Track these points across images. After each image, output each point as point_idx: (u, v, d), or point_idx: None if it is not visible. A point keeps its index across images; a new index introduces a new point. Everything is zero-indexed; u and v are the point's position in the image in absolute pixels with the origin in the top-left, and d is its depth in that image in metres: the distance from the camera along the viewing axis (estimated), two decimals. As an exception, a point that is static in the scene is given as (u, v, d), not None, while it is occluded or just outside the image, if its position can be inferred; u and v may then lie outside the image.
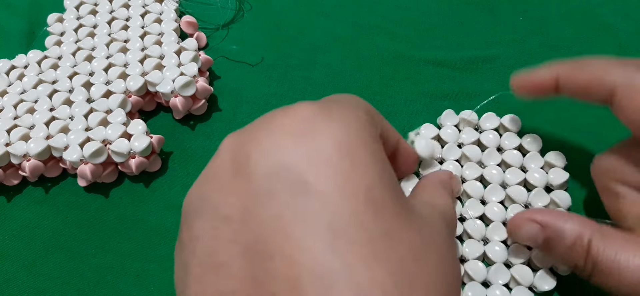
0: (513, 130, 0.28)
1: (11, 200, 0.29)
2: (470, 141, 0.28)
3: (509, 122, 0.28)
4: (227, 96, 0.33)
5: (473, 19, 0.36)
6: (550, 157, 0.27)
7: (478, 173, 0.27)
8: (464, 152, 0.28)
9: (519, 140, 0.28)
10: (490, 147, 0.28)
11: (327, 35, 0.35)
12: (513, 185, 0.26)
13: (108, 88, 0.30)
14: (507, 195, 0.26)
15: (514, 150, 0.28)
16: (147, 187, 0.29)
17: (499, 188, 0.26)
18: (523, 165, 0.27)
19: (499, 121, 0.29)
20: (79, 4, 0.35)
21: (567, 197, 0.26)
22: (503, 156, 0.27)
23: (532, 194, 0.26)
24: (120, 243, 0.28)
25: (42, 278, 0.27)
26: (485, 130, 0.29)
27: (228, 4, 0.37)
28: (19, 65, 0.32)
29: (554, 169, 0.27)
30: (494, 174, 0.27)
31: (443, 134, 0.28)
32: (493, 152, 0.28)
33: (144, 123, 0.28)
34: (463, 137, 0.28)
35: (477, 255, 0.24)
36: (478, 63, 0.33)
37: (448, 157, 0.28)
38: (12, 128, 0.29)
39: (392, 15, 0.36)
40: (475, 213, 0.26)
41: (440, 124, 0.29)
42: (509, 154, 0.27)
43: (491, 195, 0.26)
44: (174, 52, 0.31)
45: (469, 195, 0.26)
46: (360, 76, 0.33)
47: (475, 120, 0.29)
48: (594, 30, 0.35)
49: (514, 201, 0.26)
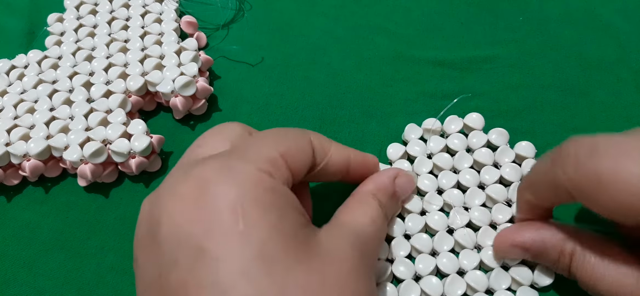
0: (477, 128, 0.28)
1: (11, 200, 0.29)
2: (439, 149, 0.28)
3: (472, 121, 0.28)
4: (227, 96, 0.33)
5: (473, 19, 0.36)
6: (520, 148, 0.27)
7: (454, 181, 0.26)
8: (434, 162, 0.27)
9: (486, 136, 0.28)
10: (460, 150, 0.27)
11: (327, 35, 0.35)
12: (490, 184, 0.26)
13: (108, 88, 0.30)
14: (488, 196, 0.26)
15: (483, 148, 0.27)
16: (147, 187, 0.29)
17: (478, 190, 0.26)
18: (495, 161, 0.27)
19: (462, 122, 0.28)
20: (79, 4, 0.35)
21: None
22: (474, 156, 0.27)
23: (511, 189, 0.26)
24: (120, 243, 0.28)
25: (42, 277, 0.27)
26: (450, 133, 0.28)
27: (228, 4, 0.37)
28: (19, 65, 0.32)
29: (526, 161, 0.27)
30: (468, 179, 0.26)
31: (410, 150, 0.28)
32: (463, 155, 0.27)
33: (144, 123, 0.28)
34: (431, 146, 0.28)
35: (474, 265, 0.24)
36: (478, 63, 0.33)
37: (420, 171, 0.27)
38: (12, 128, 0.29)
39: (392, 15, 0.36)
40: (462, 221, 0.25)
41: (404, 140, 0.29)
42: (479, 153, 0.27)
43: (473, 199, 0.26)
44: (174, 52, 0.31)
45: (450, 205, 0.26)
46: (360, 76, 0.33)
47: (439, 127, 0.28)
48: (594, 30, 0.35)
49: (496, 200, 0.26)
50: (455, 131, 0.28)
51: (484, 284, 0.24)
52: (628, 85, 0.32)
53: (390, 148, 0.28)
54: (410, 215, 0.26)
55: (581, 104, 0.31)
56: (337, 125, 0.31)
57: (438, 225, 0.25)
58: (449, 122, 0.28)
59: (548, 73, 0.33)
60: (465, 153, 0.27)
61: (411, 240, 0.25)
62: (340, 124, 0.31)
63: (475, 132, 0.28)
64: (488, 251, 0.24)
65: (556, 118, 0.31)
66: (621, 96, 0.32)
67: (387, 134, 0.31)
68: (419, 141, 0.28)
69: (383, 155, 0.30)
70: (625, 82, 0.32)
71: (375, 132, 0.31)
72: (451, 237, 0.25)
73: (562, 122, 0.31)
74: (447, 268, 0.24)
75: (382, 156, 0.30)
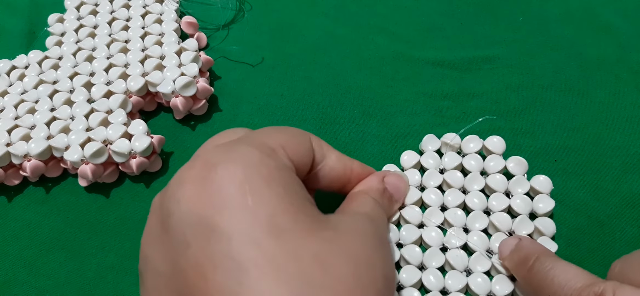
0: (497, 152, 0.27)
1: (12, 200, 0.29)
2: (452, 166, 0.27)
3: (492, 145, 0.27)
4: (227, 96, 0.33)
5: (473, 19, 0.36)
6: (536, 182, 0.26)
7: (460, 200, 0.26)
8: (445, 178, 0.27)
9: (504, 163, 0.27)
10: (473, 171, 0.27)
11: (327, 35, 0.35)
12: (497, 211, 0.25)
13: (109, 88, 0.30)
14: (491, 223, 0.25)
15: (498, 175, 0.26)
16: (147, 187, 0.29)
17: (482, 215, 0.25)
18: (508, 189, 0.26)
19: (482, 143, 0.28)
20: (79, 4, 0.35)
21: (552, 225, 0.25)
22: (487, 180, 0.26)
23: (516, 221, 0.25)
24: (120, 243, 0.28)
25: (43, 277, 0.27)
26: (467, 153, 0.27)
27: (228, 4, 0.37)
28: (19, 65, 0.32)
29: (539, 196, 0.26)
30: (475, 202, 0.26)
31: (424, 161, 0.27)
32: (476, 176, 0.26)
33: (144, 124, 0.28)
34: (445, 161, 0.27)
35: (459, 287, 0.24)
36: (478, 63, 0.33)
37: (429, 184, 0.27)
38: (13, 129, 0.29)
39: (392, 15, 0.36)
40: (458, 242, 0.25)
41: (421, 150, 0.28)
42: (493, 179, 0.26)
43: (474, 223, 0.25)
44: (175, 52, 0.31)
45: (450, 223, 0.25)
46: (360, 76, 0.33)
47: (458, 143, 0.28)
48: (594, 30, 0.35)
49: (498, 229, 0.25)
50: (473, 151, 0.27)
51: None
52: (628, 85, 0.32)
53: (405, 155, 0.28)
54: (407, 225, 0.25)
55: (581, 104, 0.31)
56: (337, 125, 0.31)
57: (432, 241, 0.25)
58: (467, 141, 0.28)
59: (548, 73, 0.33)
60: (479, 175, 0.27)
61: (402, 249, 0.25)
62: (340, 124, 0.31)
63: (493, 156, 0.27)
64: (477, 278, 0.24)
65: (556, 118, 0.31)
66: (621, 96, 0.32)
67: (387, 134, 0.31)
68: (434, 154, 0.28)
69: (382, 156, 0.30)
70: (625, 82, 0.32)
71: (375, 132, 0.31)
72: (442, 255, 0.24)
73: (562, 122, 0.31)
74: (430, 285, 0.24)
75: (382, 156, 0.30)
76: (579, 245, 0.26)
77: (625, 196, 0.28)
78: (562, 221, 0.27)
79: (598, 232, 0.27)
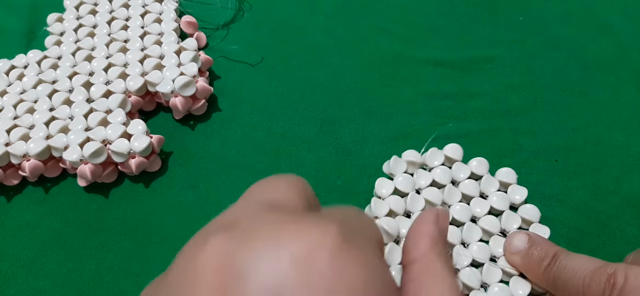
0: (458, 159, 0.28)
1: (11, 200, 0.29)
2: (427, 184, 0.27)
3: (452, 152, 0.28)
4: (227, 96, 0.33)
5: (473, 19, 0.36)
6: (502, 175, 0.27)
7: (449, 217, 0.26)
8: (425, 197, 0.26)
9: (469, 167, 0.27)
10: (447, 184, 0.27)
11: (327, 35, 0.35)
12: (482, 216, 0.26)
13: (108, 88, 0.30)
14: (483, 229, 0.25)
15: (468, 180, 0.27)
16: (147, 187, 0.29)
17: (472, 225, 0.26)
18: (481, 191, 0.27)
19: (443, 155, 0.28)
20: (78, 4, 0.35)
21: (535, 209, 0.26)
22: (460, 188, 0.27)
23: (503, 219, 0.26)
24: (120, 243, 0.28)
25: (42, 277, 0.27)
26: (433, 167, 0.27)
27: (228, 4, 0.37)
28: (18, 65, 0.32)
29: (511, 187, 0.27)
30: (462, 214, 0.26)
31: (399, 185, 0.27)
32: (452, 188, 0.27)
33: (143, 123, 0.28)
34: (418, 181, 0.27)
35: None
36: (478, 63, 0.33)
37: (414, 209, 0.26)
38: (12, 128, 0.29)
39: (392, 15, 0.36)
40: (466, 261, 0.24)
41: (390, 174, 0.28)
42: (465, 185, 0.27)
43: (470, 235, 0.25)
44: (174, 52, 0.31)
45: (451, 243, 0.25)
46: (360, 76, 0.33)
47: (422, 160, 0.28)
48: (594, 30, 0.35)
49: (491, 233, 0.25)
50: (438, 164, 0.27)
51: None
52: (628, 85, 0.32)
53: (378, 184, 0.27)
54: None
55: (581, 104, 0.31)
56: (337, 125, 0.31)
57: None
58: (430, 155, 0.28)
59: (548, 73, 0.33)
60: (453, 186, 0.27)
61: None
62: (341, 124, 0.31)
63: (457, 164, 0.27)
64: (495, 288, 0.24)
65: (556, 118, 0.31)
66: (621, 96, 0.32)
67: (387, 134, 0.31)
68: (405, 174, 0.27)
69: (382, 155, 0.30)
70: (625, 82, 0.32)
71: (375, 132, 0.31)
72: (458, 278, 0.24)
73: (562, 122, 0.31)
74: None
75: (382, 156, 0.30)
76: (579, 245, 0.26)
77: (626, 196, 0.28)
78: (563, 221, 0.27)
79: (598, 232, 0.27)
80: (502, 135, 0.29)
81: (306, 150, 0.30)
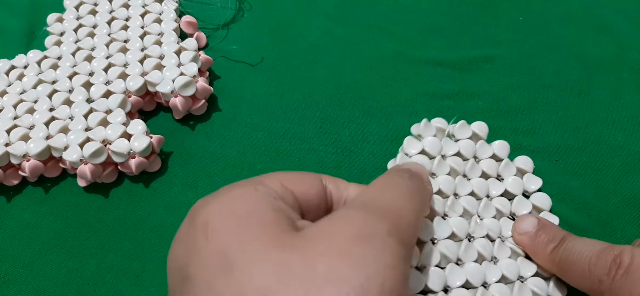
0: (483, 137, 0.28)
1: (11, 200, 0.29)
2: (453, 153, 0.27)
3: (479, 129, 0.28)
4: (227, 96, 0.33)
5: (473, 19, 0.36)
6: (520, 162, 0.27)
7: (469, 189, 0.26)
8: (450, 165, 0.26)
9: (491, 147, 0.28)
10: (470, 158, 0.27)
11: (327, 35, 0.35)
12: (496, 196, 0.26)
13: (108, 88, 0.30)
14: (496, 208, 0.26)
15: (489, 159, 0.27)
16: (147, 187, 0.29)
17: (487, 202, 0.26)
18: (498, 172, 0.27)
19: (471, 130, 0.28)
20: (78, 4, 0.35)
21: (547, 198, 0.26)
22: (481, 166, 0.27)
23: (515, 203, 0.26)
24: (120, 243, 0.28)
25: (42, 278, 0.27)
26: (460, 139, 0.28)
27: (228, 4, 0.37)
28: (18, 65, 0.32)
29: (527, 175, 0.27)
30: (481, 189, 0.26)
31: (427, 146, 0.27)
32: (474, 163, 0.27)
33: (143, 124, 0.28)
34: (446, 149, 0.27)
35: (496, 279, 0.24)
36: (478, 63, 0.33)
37: (439, 172, 0.26)
38: (12, 129, 0.29)
39: (392, 15, 0.36)
40: (482, 232, 0.25)
41: (418, 135, 0.28)
42: (486, 164, 0.27)
43: (485, 210, 0.26)
44: (174, 52, 0.31)
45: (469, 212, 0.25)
46: (360, 76, 0.33)
47: (448, 128, 0.28)
48: (594, 30, 0.35)
49: (502, 213, 0.26)
50: (465, 138, 0.28)
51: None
52: (628, 85, 0.32)
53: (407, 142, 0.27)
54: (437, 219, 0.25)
55: (581, 104, 0.31)
56: (337, 125, 0.31)
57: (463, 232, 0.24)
58: (459, 127, 0.28)
59: (548, 73, 0.33)
60: (475, 162, 0.27)
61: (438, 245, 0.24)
62: (341, 124, 0.31)
63: (481, 142, 0.28)
64: (504, 262, 0.24)
65: (556, 118, 0.31)
66: (621, 96, 0.32)
67: (387, 134, 0.31)
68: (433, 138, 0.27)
69: (382, 155, 0.30)
70: (625, 82, 0.32)
71: (375, 132, 0.31)
72: (475, 249, 0.24)
73: (562, 122, 0.31)
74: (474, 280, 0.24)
75: (382, 156, 0.30)
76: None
77: (626, 195, 0.28)
78: (564, 220, 0.27)
79: (599, 231, 0.27)
80: (502, 135, 0.29)
81: (306, 150, 0.30)
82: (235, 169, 0.30)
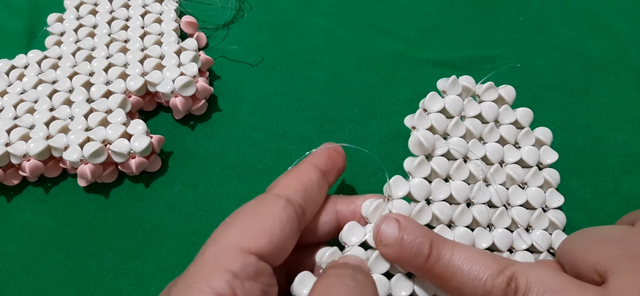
0: (509, 102, 0.27)
1: (11, 200, 0.29)
2: (474, 114, 0.26)
3: (506, 93, 0.27)
4: (227, 96, 0.33)
5: (473, 19, 0.36)
6: (539, 133, 0.27)
7: (482, 153, 0.26)
8: (467, 126, 0.26)
9: (514, 114, 0.27)
10: (491, 122, 0.26)
11: (327, 35, 0.35)
12: (510, 163, 0.26)
13: (108, 88, 0.30)
14: (508, 175, 0.25)
15: (509, 126, 0.27)
16: (147, 187, 0.29)
17: (499, 168, 0.26)
18: (516, 139, 0.27)
19: (497, 93, 0.27)
20: (79, 4, 0.35)
21: (557, 174, 0.26)
22: (500, 131, 0.26)
23: (529, 174, 0.26)
24: (120, 243, 0.28)
25: (42, 278, 0.27)
26: (485, 101, 0.27)
27: (228, 4, 0.37)
28: (19, 65, 0.32)
29: (544, 147, 0.26)
30: (494, 155, 0.26)
31: (449, 104, 0.26)
32: (493, 128, 0.26)
33: (144, 124, 0.28)
34: (468, 110, 0.26)
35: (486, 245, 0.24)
36: (478, 63, 0.33)
37: (454, 134, 0.26)
38: (12, 128, 0.29)
39: (392, 15, 0.36)
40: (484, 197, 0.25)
41: (443, 92, 0.27)
42: (506, 129, 0.26)
43: (495, 176, 0.25)
44: (174, 52, 0.31)
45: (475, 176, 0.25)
46: (360, 76, 0.33)
47: (474, 86, 0.27)
48: (594, 30, 0.35)
49: (514, 180, 0.25)
50: (490, 100, 0.27)
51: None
52: (628, 85, 0.32)
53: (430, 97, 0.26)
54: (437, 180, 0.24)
55: (581, 104, 0.31)
56: (337, 125, 0.31)
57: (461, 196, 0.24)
58: (486, 89, 0.27)
59: (548, 73, 0.33)
60: (495, 126, 0.26)
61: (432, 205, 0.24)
62: (340, 124, 0.31)
63: (505, 107, 0.27)
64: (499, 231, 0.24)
65: (556, 118, 0.31)
66: (621, 96, 0.32)
67: (387, 134, 0.31)
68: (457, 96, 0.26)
69: (382, 155, 0.30)
70: (625, 82, 0.32)
71: (375, 132, 0.31)
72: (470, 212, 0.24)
73: (562, 121, 0.31)
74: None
75: (382, 156, 0.30)
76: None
77: (626, 195, 0.28)
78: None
79: (598, 232, 0.27)
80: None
81: (306, 150, 0.30)
82: (235, 169, 0.30)
